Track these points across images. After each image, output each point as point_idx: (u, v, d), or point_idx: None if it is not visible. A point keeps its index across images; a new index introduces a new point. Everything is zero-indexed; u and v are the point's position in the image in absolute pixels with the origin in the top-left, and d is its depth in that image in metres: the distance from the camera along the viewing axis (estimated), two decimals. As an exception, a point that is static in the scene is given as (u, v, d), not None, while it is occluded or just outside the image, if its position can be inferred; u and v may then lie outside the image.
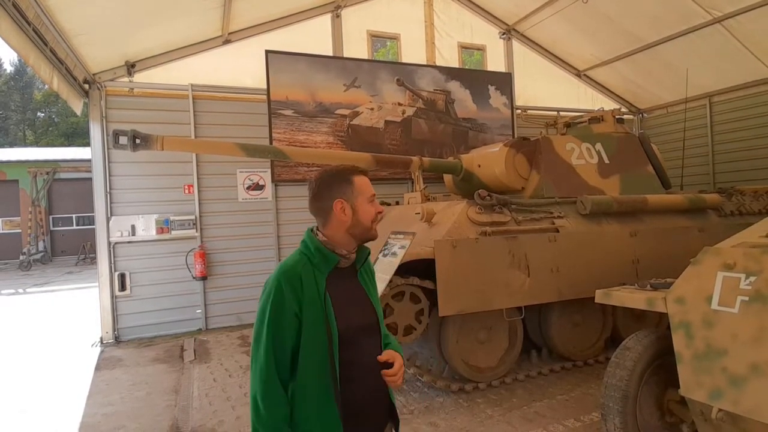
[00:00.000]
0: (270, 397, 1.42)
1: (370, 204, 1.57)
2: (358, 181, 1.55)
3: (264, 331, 1.44)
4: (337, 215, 1.52)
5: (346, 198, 1.53)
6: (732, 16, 7.04)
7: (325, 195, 1.54)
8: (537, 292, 4.18)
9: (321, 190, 1.55)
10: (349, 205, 1.53)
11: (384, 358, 1.53)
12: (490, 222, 4.22)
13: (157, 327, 6.50)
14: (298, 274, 1.47)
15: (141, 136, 4.33)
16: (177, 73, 6.69)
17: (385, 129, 7.78)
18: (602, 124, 5.98)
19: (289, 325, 1.43)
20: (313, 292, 1.46)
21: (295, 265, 1.49)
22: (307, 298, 1.45)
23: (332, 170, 1.57)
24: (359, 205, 1.54)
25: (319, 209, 1.56)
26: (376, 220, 1.58)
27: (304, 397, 1.45)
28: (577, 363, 4.61)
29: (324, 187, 1.55)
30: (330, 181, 1.55)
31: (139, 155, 6.34)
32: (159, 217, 6.58)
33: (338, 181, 1.54)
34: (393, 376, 1.52)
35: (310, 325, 1.44)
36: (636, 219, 4.94)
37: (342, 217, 1.53)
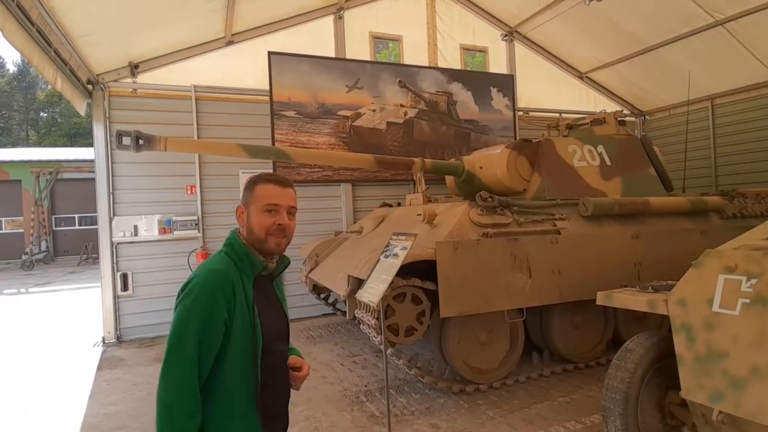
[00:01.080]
0: (189, 406, 1.37)
1: (265, 213, 1.52)
2: (259, 189, 1.54)
3: (189, 337, 1.38)
4: (237, 220, 1.59)
5: (245, 204, 1.57)
6: (734, 18, 7.04)
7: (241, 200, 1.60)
8: (538, 293, 4.18)
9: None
10: (246, 212, 1.56)
11: (294, 363, 1.64)
12: (491, 223, 4.22)
13: (158, 327, 6.51)
14: (230, 281, 1.44)
15: (144, 137, 4.35)
16: (180, 74, 6.72)
17: (387, 130, 7.80)
18: (604, 126, 6.00)
19: (218, 332, 1.41)
20: (242, 300, 1.45)
21: (227, 271, 1.46)
22: (237, 305, 1.43)
23: (250, 177, 1.63)
24: (252, 213, 1.53)
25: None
26: (271, 232, 1.52)
27: (225, 403, 1.43)
28: (579, 365, 4.60)
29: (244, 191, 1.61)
30: (245, 187, 1.60)
31: (142, 156, 6.36)
32: (161, 218, 6.61)
33: (246, 187, 1.59)
34: (302, 379, 1.66)
35: (238, 332, 1.43)
36: (638, 221, 4.94)
37: (240, 222, 1.59)
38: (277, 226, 1.53)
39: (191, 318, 1.40)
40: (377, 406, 3.94)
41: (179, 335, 1.40)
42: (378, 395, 4.16)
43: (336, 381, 4.51)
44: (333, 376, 4.63)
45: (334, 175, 7.46)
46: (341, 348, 5.60)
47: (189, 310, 1.41)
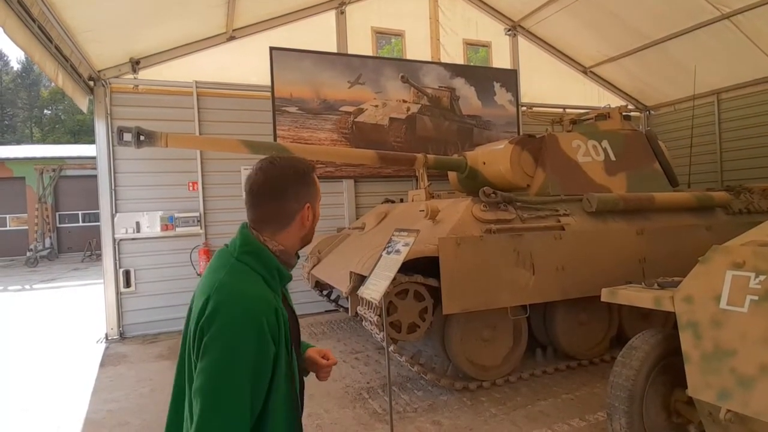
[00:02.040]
0: None
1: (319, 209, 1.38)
2: (317, 181, 1.35)
3: (240, 383, 1.06)
4: (302, 220, 1.30)
5: (312, 201, 1.32)
6: (740, 12, 6.95)
7: (291, 196, 1.27)
8: (542, 290, 4.15)
9: (287, 188, 1.27)
10: (313, 210, 1.33)
11: (318, 354, 1.50)
12: (494, 219, 4.19)
13: (161, 324, 6.52)
14: (273, 308, 1.15)
15: (145, 133, 4.33)
16: (181, 70, 6.69)
17: (389, 126, 7.75)
18: (609, 121, 5.94)
19: (268, 371, 1.13)
20: (281, 322, 1.17)
21: (266, 295, 1.16)
22: (281, 338, 1.16)
23: (296, 165, 1.30)
24: (318, 209, 1.36)
25: (279, 213, 1.27)
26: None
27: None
28: (582, 362, 4.58)
29: (290, 185, 1.27)
30: (296, 179, 1.28)
31: (144, 152, 6.34)
32: (163, 214, 6.60)
33: (302, 180, 1.30)
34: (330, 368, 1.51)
35: (281, 359, 1.16)
36: (643, 217, 4.89)
37: (306, 223, 1.32)
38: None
39: (238, 358, 1.06)
40: (380, 403, 3.93)
41: (224, 380, 1.05)
42: (380, 392, 4.15)
43: (338, 378, 4.50)
44: (335, 373, 4.61)
45: (336, 171, 7.43)
46: (344, 345, 5.58)
47: (233, 347, 1.06)
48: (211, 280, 1.17)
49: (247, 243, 1.24)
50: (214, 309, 1.10)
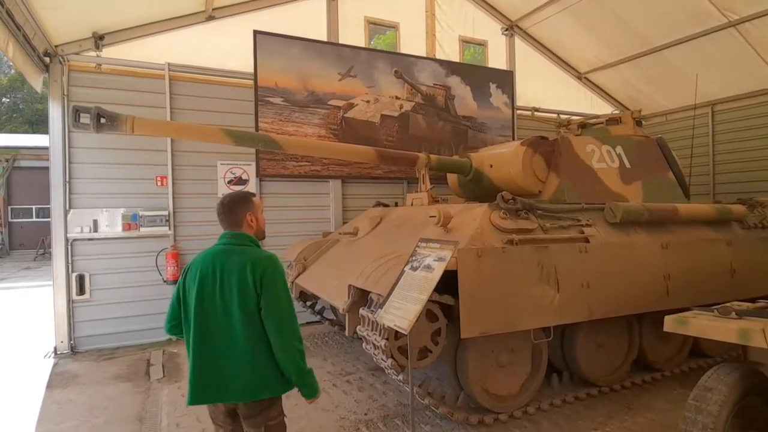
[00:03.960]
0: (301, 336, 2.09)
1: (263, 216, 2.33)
2: (255, 200, 2.30)
3: (289, 293, 2.10)
4: (251, 224, 2.25)
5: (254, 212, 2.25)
6: (748, 19, 6.75)
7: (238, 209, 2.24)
8: (567, 310, 3.66)
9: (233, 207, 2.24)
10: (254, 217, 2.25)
11: None
12: (516, 229, 3.68)
13: (119, 336, 5.73)
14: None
15: (107, 115, 3.64)
16: (152, 49, 5.94)
17: (381, 123, 7.20)
18: (621, 126, 5.57)
19: None
20: None
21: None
22: None
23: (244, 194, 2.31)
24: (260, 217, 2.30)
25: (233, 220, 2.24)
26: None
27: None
28: (603, 389, 4.11)
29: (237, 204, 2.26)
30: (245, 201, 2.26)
31: (105, 140, 5.61)
32: (126, 212, 5.82)
33: (248, 201, 2.26)
34: None
35: None
36: (664, 229, 4.50)
37: (253, 225, 2.26)
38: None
39: (285, 283, 2.08)
40: (382, 441, 3.34)
41: (285, 293, 2.05)
42: (381, 426, 3.56)
43: (330, 407, 3.88)
44: (326, 401, 3.99)
45: (323, 170, 6.81)
46: (331, 364, 4.96)
47: (281, 277, 2.07)
48: (242, 257, 2.06)
49: (247, 238, 2.20)
50: (264, 264, 2.04)
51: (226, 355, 1.99)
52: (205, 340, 2.01)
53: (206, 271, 2.05)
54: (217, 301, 2.01)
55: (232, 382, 1.99)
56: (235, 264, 2.02)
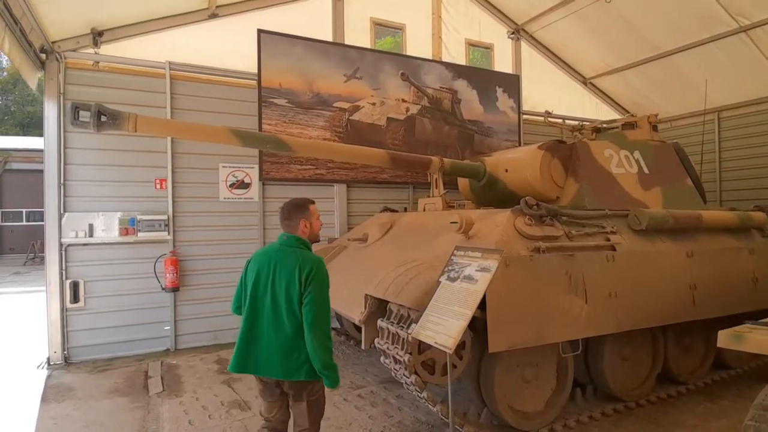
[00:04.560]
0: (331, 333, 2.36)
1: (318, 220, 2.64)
2: (312, 207, 2.61)
3: (328, 296, 2.35)
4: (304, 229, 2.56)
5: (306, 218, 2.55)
6: (759, 25, 6.67)
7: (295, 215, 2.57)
8: (595, 321, 3.48)
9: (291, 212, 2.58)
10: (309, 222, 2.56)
11: None
12: (542, 236, 3.50)
13: (115, 347, 5.46)
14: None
15: (108, 113, 3.42)
16: (153, 47, 5.71)
17: (387, 127, 7.01)
18: (637, 130, 5.43)
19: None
20: None
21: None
22: None
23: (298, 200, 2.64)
24: (314, 223, 2.60)
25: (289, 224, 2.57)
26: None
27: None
28: (629, 404, 3.92)
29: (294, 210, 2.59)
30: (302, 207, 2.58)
31: (103, 141, 5.38)
32: (123, 216, 5.57)
33: (304, 207, 2.58)
34: None
35: None
36: (688, 237, 4.34)
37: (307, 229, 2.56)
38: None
39: (327, 285, 2.35)
40: (402, 463, 3.12)
41: (325, 295, 2.33)
42: (400, 446, 3.34)
43: (344, 424, 3.66)
44: (338, 417, 3.76)
45: (327, 173, 6.61)
46: (340, 376, 4.71)
47: (324, 282, 2.33)
48: (294, 257, 2.40)
49: (299, 240, 2.50)
50: (310, 266, 2.34)
51: (269, 338, 2.35)
52: (254, 323, 2.40)
53: (263, 264, 2.44)
54: (268, 291, 2.38)
55: (273, 361, 2.34)
56: (287, 262, 2.36)
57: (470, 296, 2.27)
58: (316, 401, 2.47)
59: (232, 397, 4.26)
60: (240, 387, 4.48)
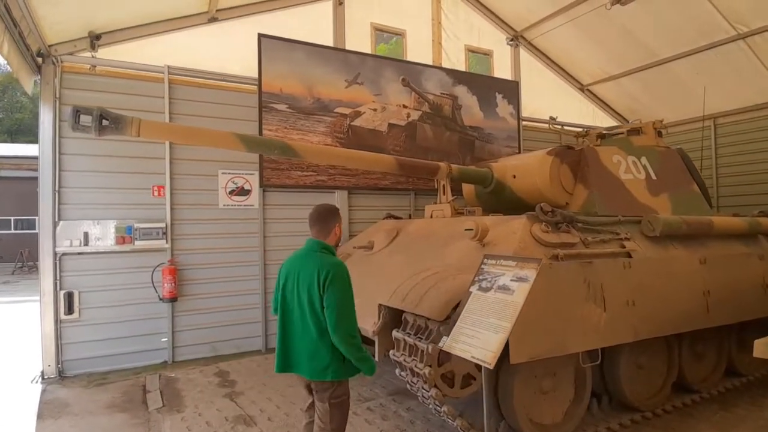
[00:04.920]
0: (357, 332, 2.43)
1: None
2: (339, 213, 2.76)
3: (350, 297, 2.43)
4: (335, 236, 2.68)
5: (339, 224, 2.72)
6: (758, 32, 6.74)
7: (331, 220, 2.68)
8: (613, 330, 3.40)
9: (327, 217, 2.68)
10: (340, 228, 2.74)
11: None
12: (559, 243, 3.42)
13: (111, 359, 5.27)
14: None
15: (110, 117, 3.30)
16: (151, 51, 5.59)
17: (388, 133, 6.94)
18: (643, 136, 5.42)
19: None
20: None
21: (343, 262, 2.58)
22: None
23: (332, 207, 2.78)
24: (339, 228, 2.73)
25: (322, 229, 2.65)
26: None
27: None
28: (646, 414, 3.85)
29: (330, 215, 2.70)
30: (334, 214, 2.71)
31: (99, 147, 5.24)
32: (119, 224, 5.40)
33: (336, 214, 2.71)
34: None
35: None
36: (699, 243, 4.30)
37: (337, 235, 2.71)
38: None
39: (347, 286, 2.42)
40: (420, 480, 3.00)
41: (345, 296, 2.40)
42: (416, 461, 3.22)
43: (356, 439, 3.53)
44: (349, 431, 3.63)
45: (329, 180, 6.50)
46: (369, 390, 4.59)
47: (345, 284, 2.42)
48: (315, 262, 2.47)
49: (322, 246, 2.58)
50: (328, 269, 2.40)
51: (298, 339, 2.49)
52: (286, 325, 2.56)
53: (291, 270, 2.56)
54: (295, 295, 2.50)
55: (301, 361, 2.48)
56: (309, 266, 2.45)
57: (508, 308, 2.17)
58: (339, 405, 2.51)
59: (236, 411, 4.10)
60: (243, 401, 4.32)
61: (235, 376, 5.03)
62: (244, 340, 5.95)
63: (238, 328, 5.93)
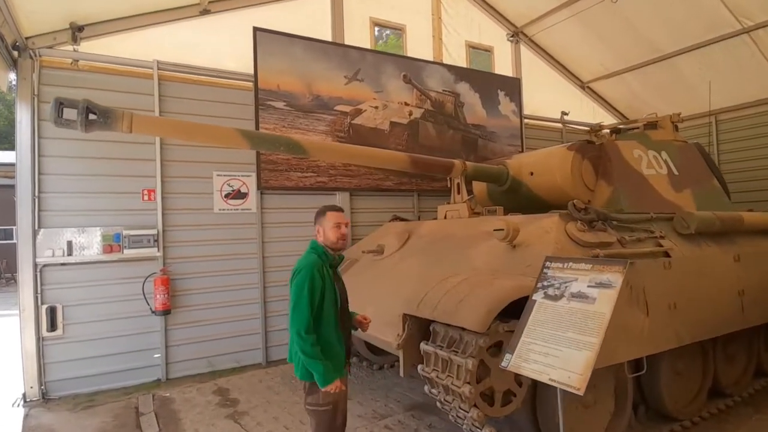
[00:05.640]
0: (309, 328, 2.39)
1: (334, 228, 2.62)
2: (329, 214, 2.66)
3: (305, 294, 2.40)
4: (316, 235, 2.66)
5: (321, 224, 2.64)
6: (763, 26, 6.62)
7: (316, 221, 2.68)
8: (657, 336, 3.14)
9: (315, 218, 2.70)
10: (322, 229, 2.63)
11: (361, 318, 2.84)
12: (597, 243, 3.16)
13: (98, 379, 4.84)
14: (320, 266, 2.51)
15: (99, 110, 2.94)
16: (139, 45, 5.20)
17: (390, 131, 6.64)
18: (660, 131, 5.20)
19: (318, 291, 2.44)
20: (327, 276, 2.53)
21: (317, 261, 2.52)
22: (326, 278, 2.51)
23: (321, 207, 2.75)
24: (327, 228, 2.62)
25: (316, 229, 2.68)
26: (339, 238, 2.63)
27: (326, 326, 2.47)
28: (684, 423, 3.60)
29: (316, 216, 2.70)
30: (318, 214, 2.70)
31: (83, 148, 4.87)
32: (106, 231, 4.99)
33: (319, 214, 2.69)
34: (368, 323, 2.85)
35: (328, 294, 2.50)
36: (729, 241, 4.08)
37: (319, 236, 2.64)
38: (341, 235, 2.63)
39: (304, 284, 2.42)
40: None
41: (298, 293, 2.42)
42: (449, 488, 2.90)
43: (378, 464, 3.20)
44: (370, 455, 3.30)
45: (329, 181, 6.17)
46: (358, 404, 4.25)
47: (301, 281, 2.43)
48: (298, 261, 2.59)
49: (311, 244, 2.64)
50: (296, 267, 2.52)
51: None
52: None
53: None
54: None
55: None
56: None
57: (591, 319, 1.87)
58: (315, 414, 2.49)
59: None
60: (248, 422, 3.96)
61: (236, 394, 4.66)
62: (243, 354, 5.56)
63: (236, 341, 5.54)
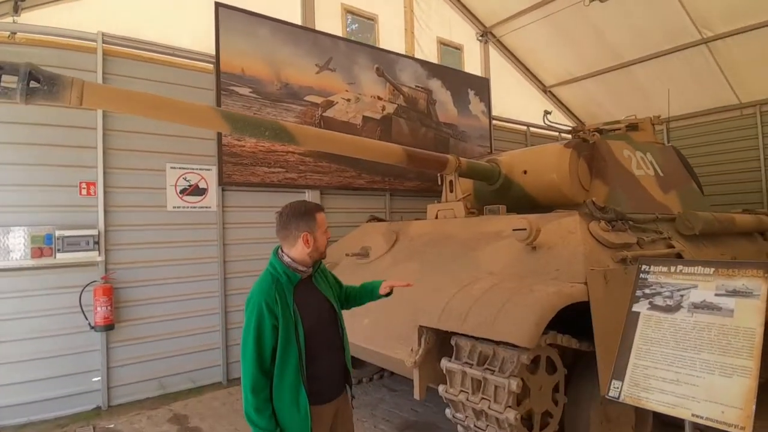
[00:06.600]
0: (255, 386, 1.84)
1: (324, 234, 2.06)
2: (319, 217, 2.04)
3: (250, 340, 1.85)
4: (304, 244, 1.98)
5: (311, 231, 1.99)
6: (721, 37, 6.91)
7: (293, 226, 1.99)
8: (680, 343, 2.96)
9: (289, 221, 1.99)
10: (313, 236, 2.00)
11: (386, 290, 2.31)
12: (621, 243, 2.93)
13: (27, 409, 4.01)
14: (273, 296, 1.89)
15: (44, 76, 2.34)
16: (83, 15, 4.44)
17: (362, 126, 6.22)
18: (641, 132, 5.19)
19: (269, 334, 1.86)
20: (285, 306, 1.90)
21: (269, 290, 1.91)
22: (281, 312, 1.88)
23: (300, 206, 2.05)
24: (319, 236, 2.03)
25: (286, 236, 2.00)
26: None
27: (282, 379, 1.88)
28: None
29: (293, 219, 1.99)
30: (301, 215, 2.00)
31: (6, 131, 4.02)
32: (35, 231, 4.17)
33: (306, 216, 2.00)
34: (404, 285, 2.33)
35: (285, 329, 1.88)
36: (721, 242, 4.06)
37: (307, 245, 1.98)
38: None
39: (249, 326, 1.87)
40: None
41: (244, 339, 1.89)
42: None
43: (386, 501, 2.76)
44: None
45: (299, 178, 5.64)
46: (372, 426, 3.78)
47: (247, 320, 1.89)
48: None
49: (272, 260, 2.02)
50: (250, 293, 1.96)
51: None
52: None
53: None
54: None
55: None
56: None
57: (735, 337, 1.54)
58: None
59: (213, 471, 3.16)
60: (219, 455, 3.37)
61: (197, 421, 4.01)
62: (200, 372, 4.89)
63: (192, 358, 4.86)
